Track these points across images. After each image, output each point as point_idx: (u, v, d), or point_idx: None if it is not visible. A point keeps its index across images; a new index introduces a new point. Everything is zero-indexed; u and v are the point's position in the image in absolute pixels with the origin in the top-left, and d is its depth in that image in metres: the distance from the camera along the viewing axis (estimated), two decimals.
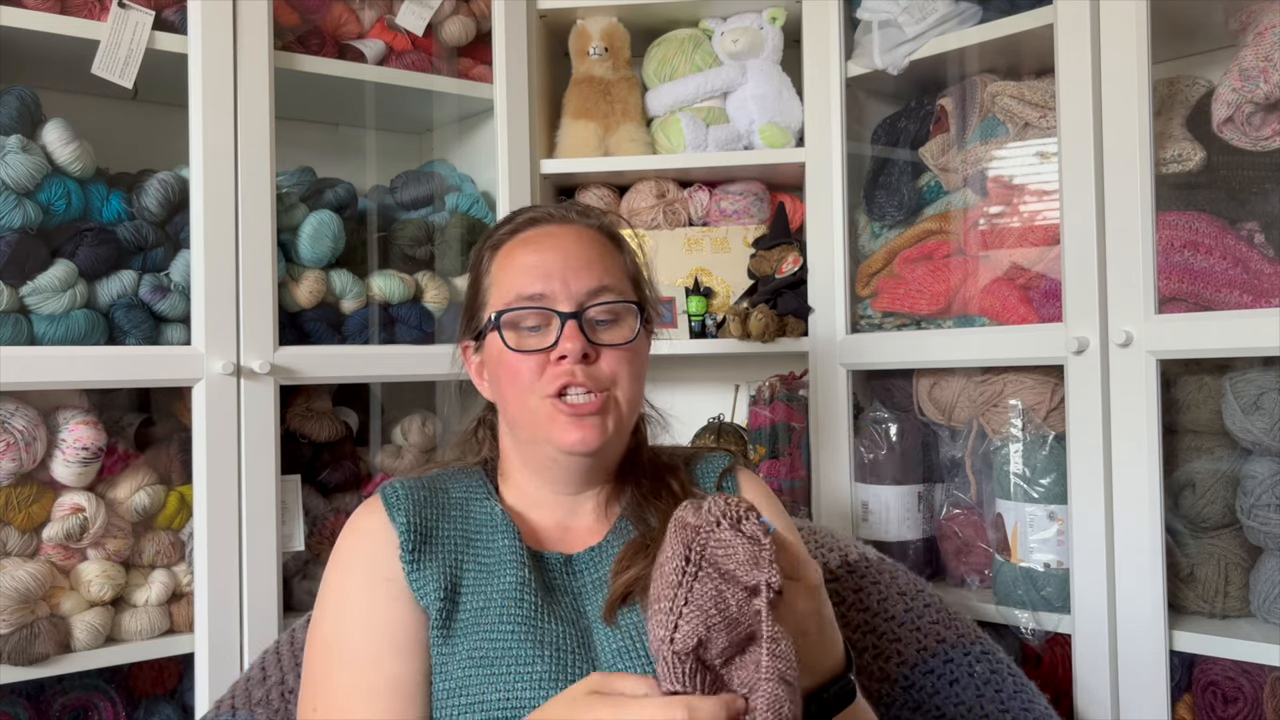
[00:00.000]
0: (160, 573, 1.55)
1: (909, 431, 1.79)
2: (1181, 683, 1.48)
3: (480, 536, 1.03)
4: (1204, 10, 1.55)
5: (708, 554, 0.72)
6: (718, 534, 0.72)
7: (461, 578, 1.00)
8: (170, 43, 1.53)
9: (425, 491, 1.05)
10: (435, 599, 0.98)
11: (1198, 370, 1.50)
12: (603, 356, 1.01)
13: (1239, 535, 1.47)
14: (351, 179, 1.82)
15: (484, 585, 0.99)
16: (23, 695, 1.49)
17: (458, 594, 0.99)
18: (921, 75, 1.79)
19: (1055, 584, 1.58)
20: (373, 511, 1.04)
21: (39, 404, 1.45)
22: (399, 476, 1.10)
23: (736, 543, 0.72)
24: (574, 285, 1.01)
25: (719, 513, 0.73)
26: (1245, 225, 1.49)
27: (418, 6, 1.82)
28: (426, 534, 1.01)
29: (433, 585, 0.98)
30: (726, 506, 0.74)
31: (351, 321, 1.72)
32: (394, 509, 1.02)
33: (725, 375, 2.09)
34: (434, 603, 0.98)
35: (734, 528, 0.72)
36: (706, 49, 1.98)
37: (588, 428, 0.99)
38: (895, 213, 1.81)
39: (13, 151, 1.40)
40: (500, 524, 1.04)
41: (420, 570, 0.99)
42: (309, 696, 0.98)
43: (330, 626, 0.99)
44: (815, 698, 0.83)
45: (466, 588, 0.99)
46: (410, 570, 0.99)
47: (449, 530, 1.03)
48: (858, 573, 1.40)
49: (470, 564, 1.01)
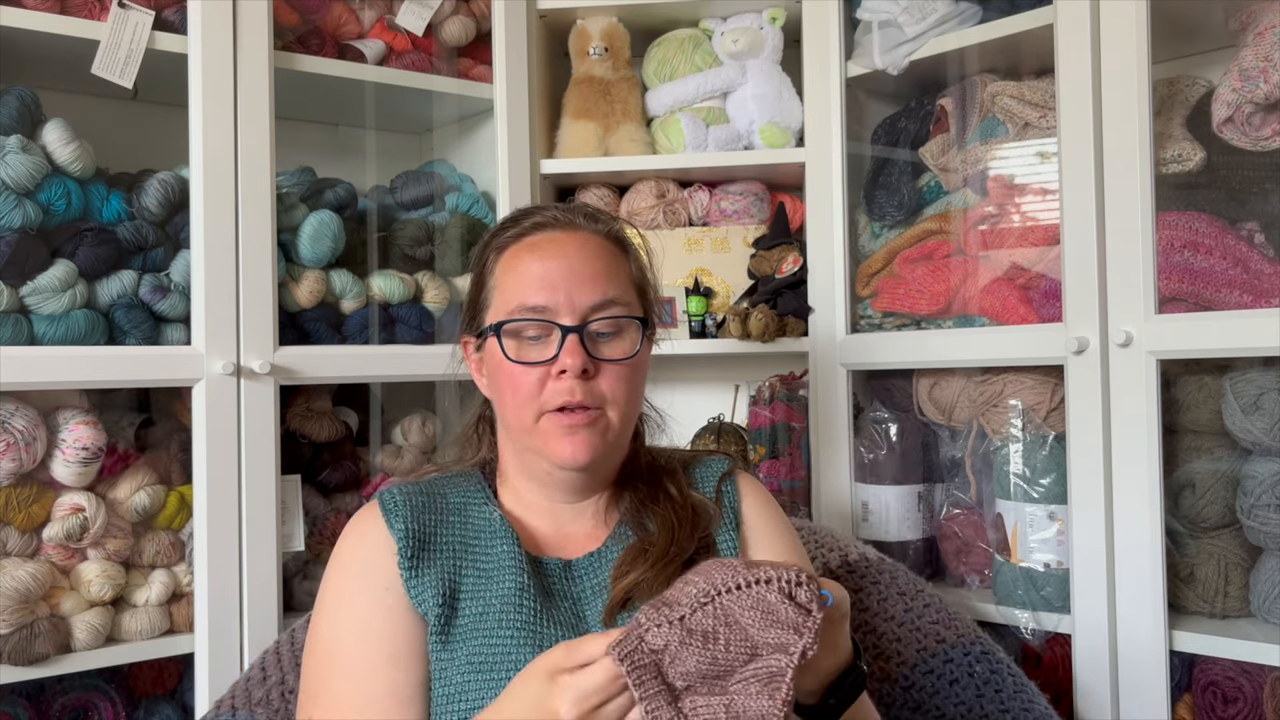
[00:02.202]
0: (160, 573, 1.55)
1: (909, 431, 1.79)
2: (1181, 683, 1.48)
3: (479, 542, 1.03)
4: (1204, 10, 1.55)
5: (726, 601, 0.73)
6: (753, 591, 0.73)
7: (460, 583, 0.99)
8: (170, 43, 1.53)
9: (423, 497, 1.05)
10: (433, 606, 0.97)
11: (1198, 370, 1.50)
12: (602, 373, 1.00)
13: (1239, 535, 1.47)
14: (351, 179, 1.82)
15: (483, 591, 0.99)
16: (23, 695, 1.49)
17: (456, 600, 0.98)
18: (921, 75, 1.79)
19: (1055, 584, 1.58)
20: (370, 518, 1.03)
21: (39, 404, 1.45)
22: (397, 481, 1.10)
23: (777, 605, 0.73)
24: (578, 299, 1.00)
25: (771, 577, 0.74)
26: (1245, 225, 1.49)
27: (418, 6, 1.82)
28: (424, 541, 1.01)
29: (431, 592, 0.98)
30: (783, 571, 0.74)
31: (351, 321, 1.72)
32: (391, 516, 1.02)
33: (725, 375, 2.09)
34: (432, 610, 0.97)
35: (782, 593, 0.73)
36: (706, 49, 1.98)
37: (579, 443, 0.99)
38: (895, 213, 1.81)
39: (13, 151, 1.40)
40: (499, 529, 1.03)
41: (418, 578, 0.98)
42: (307, 702, 0.98)
43: (328, 634, 0.99)
44: (834, 688, 0.83)
45: (465, 593, 0.99)
46: (408, 578, 0.98)
47: (447, 536, 1.02)
48: (858, 573, 1.40)
49: (469, 570, 1.00)
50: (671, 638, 0.73)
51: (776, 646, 0.72)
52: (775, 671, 0.71)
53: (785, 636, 0.71)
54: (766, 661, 0.72)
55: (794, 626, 0.72)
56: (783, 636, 0.71)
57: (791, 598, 0.73)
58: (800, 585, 0.73)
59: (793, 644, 0.71)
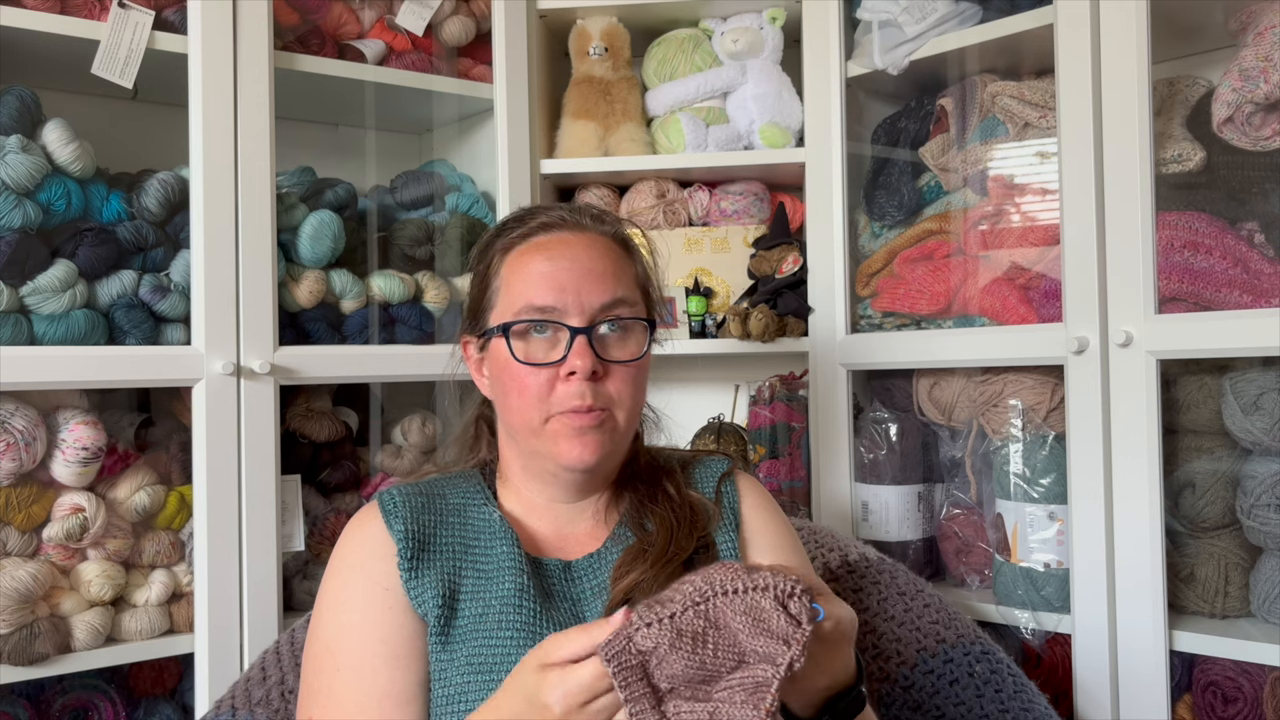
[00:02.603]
0: (160, 573, 1.55)
1: (909, 431, 1.79)
2: (1181, 683, 1.48)
3: (479, 543, 1.03)
4: (1204, 10, 1.55)
5: (719, 604, 0.73)
6: (748, 597, 0.73)
7: (460, 584, 0.99)
8: (170, 43, 1.53)
9: (423, 498, 1.05)
10: (433, 607, 0.97)
11: (1198, 370, 1.50)
12: (610, 374, 1.00)
13: (1239, 535, 1.47)
14: (351, 179, 1.82)
15: (482, 591, 0.99)
16: (23, 695, 1.49)
17: (456, 601, 0.98)
18: (921, 75, 1.79)
19: (1055, 584, 1.58)
20: (370, 519, 1.03)
21: (39, 404, 1.45)
22: (396, 482, 1.10)
23: (770, 613, 0.72)
24: (586, 299, 0.99)
25: (768, 584, 0.73)
26: (1245, 225, 1.49)
27: (418, 6, 1.82)
28: (424, 542, 1.01)
29: (430, 593, 0.98)
30: (780, 580, 0.74)
31: (351, 321, 1.72)
32: (391, 517, 1.02)
33: (725, 375, 2.09)
34: (432, 610, 0.97)
35: (778, 602, 0.73)
36: (706, 49, 1.98)
37: (587, 444, 0.98)
38: (895, 213, 1.81)
39: (13, 151, 1.40)
40: (499, 530, 1.03)
41: (418, 579, 0.98)
42: (306, 702, 0.98)
43: (327, 634, 0.99)
44: (829, 706, 0.82)
45: (465, 594, 0.99)
46: (408, 579, 0.98)
47: (447, 537, 1.02)
48: (858, 573, 1.40)
49: (469, 570, 1.00)
50: (661, 639, 0.72)
51: (764, 656, 0.71)
52: (761, 682, 0.71)
53: (774, 647, 0.71)
54: (753, 671, 0.72)
55: (784, 637, 0.71)
56: (771, 646, 0.71)
57: (785, 607, 0.72)
58: (793, 596, 0.72)
59: (780, 655, 0.71)
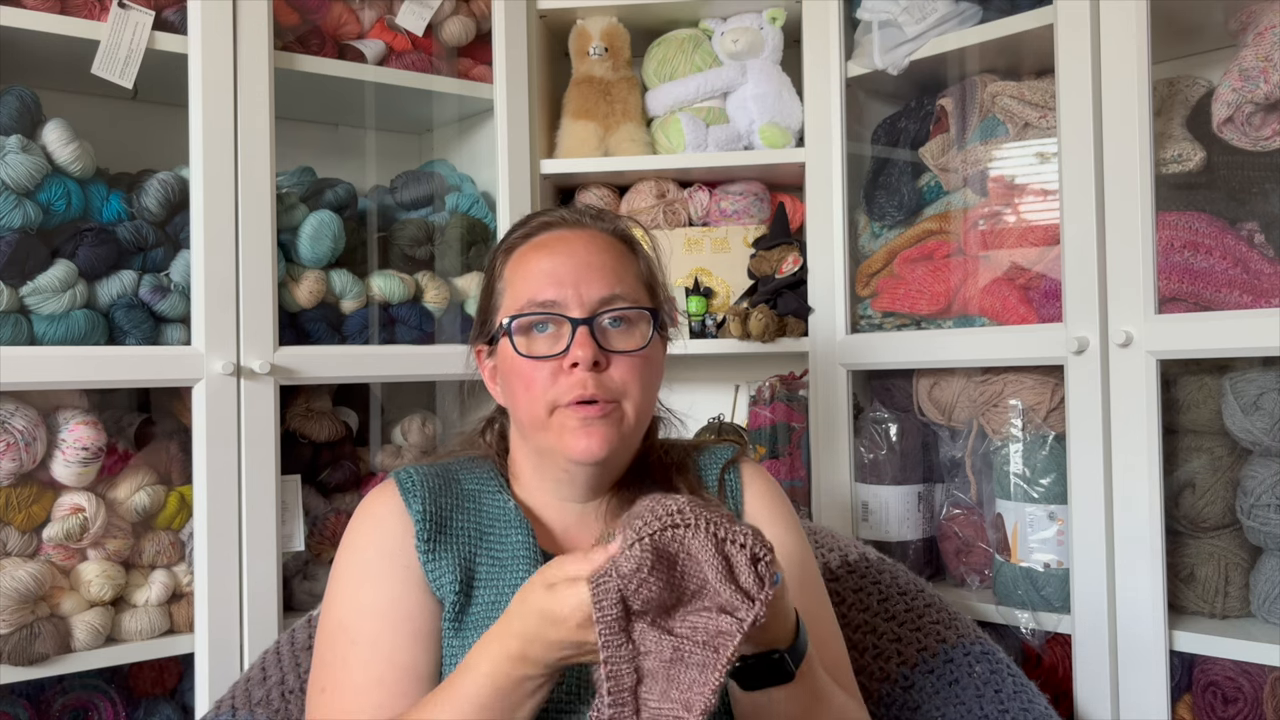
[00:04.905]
0: (160, 573, 1.55)
1: (909, 431, 1.79)
2: (1181, 683, 1.48)
3: (494, 530, 1.02)
4: (1204, 10, 1.55)
5: (699, 539, 0.76)
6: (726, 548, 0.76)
7: (476, 570, 0.99)
8: (170, 43, 1.53)
9: (439, 480, 1.04)
10: (450, 590, 0.97)
11: (1198, 370, 1.50)
12: (614, 364, 1.00)
13: (1239, 535, 1.47)
14: (351, 179, 1.82)
15: (496, 579, 0.99)
16: (23, 695, 1.49)
17: (472, 586, 0.98)
18: (921, 75, 1.79)
19: (1055, 584, 1.58)
20: (387, 496, 1.03)
21: (39, 404, 1.45)
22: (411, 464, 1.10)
23: (743, 567, 0.75)
24: (586, 292, 1.00)
25: (744, 540, 0.76)
26: (1245, 225, 1.49)
27: (418, 6, 1.82)
28: (441, 523, 1.00)
29: (448, 576, 0.98)
30: (754, 540, 0.76)
31: (351, 321, 1.72)
32: (409, 495, 1.01)
33: (725, 375, 2.09)
34: (449, 594, 0.97)
35: (750, 560, 0.75)
36: (706, 49, 1.98)
37: (594, 436, 0.98)
38: (895, 213, 1.81)
39: (13, 151, 1.40)
40: (514, 520, 1.03)
41: (435, 560, 0.98)
42: (319, 677, 0.97)
43: (343, 610, 0.98)
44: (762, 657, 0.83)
45: (480, 581, 0.99)
46: (426, 559, 0.98)
47: (463, 522, 1.02)
48: (858, 573, 1.40)
49: (484, 557, 1.00)
50: (644, 561, 0.75)
51: (728, 604, 0.74)
52: (724, 630, 0.74)
53: (738, 599, 0.74)
54: (717, 620, 0.75)
55: (749, 593, 0.75)
56: (735, 598, 0.74)
57: (754, 567, 0.75)
58: (760, 560, 0.76)
59: (744, 609, 0.74)
